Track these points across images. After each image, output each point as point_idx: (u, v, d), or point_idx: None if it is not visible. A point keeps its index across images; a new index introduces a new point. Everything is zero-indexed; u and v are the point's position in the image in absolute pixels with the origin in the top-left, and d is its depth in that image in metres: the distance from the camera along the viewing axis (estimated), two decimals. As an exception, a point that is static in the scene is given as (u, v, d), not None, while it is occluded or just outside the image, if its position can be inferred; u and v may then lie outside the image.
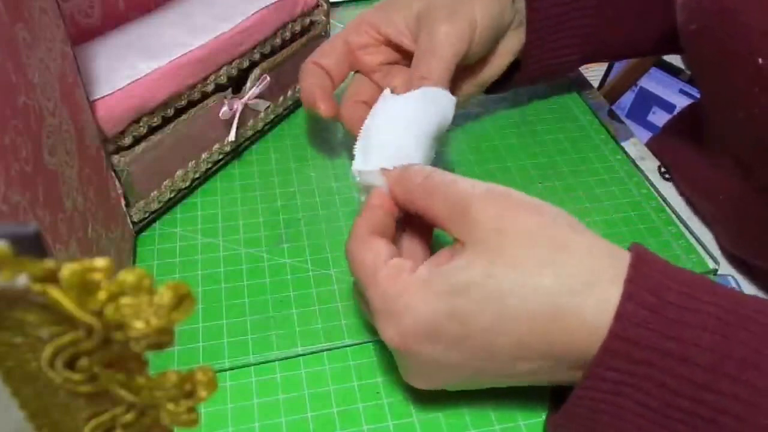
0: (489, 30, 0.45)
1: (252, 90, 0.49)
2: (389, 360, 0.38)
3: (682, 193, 0.52)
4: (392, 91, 0.42)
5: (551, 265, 0.30)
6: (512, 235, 0.30)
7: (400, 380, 0.37)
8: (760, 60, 0.37)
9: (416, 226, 0.37)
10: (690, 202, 0.51)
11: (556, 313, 0.29)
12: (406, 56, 0.47)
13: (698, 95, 0.56)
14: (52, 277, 0.13)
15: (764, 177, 0.43)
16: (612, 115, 0.58)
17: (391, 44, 0.47)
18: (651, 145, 0.57)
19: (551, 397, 0.36)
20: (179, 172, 0.46)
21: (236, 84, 0.49)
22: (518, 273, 0.30)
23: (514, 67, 0.52)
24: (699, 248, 0.46)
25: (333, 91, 0.48)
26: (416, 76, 0.42)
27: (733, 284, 0.45)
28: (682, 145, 0.54)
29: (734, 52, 0.39)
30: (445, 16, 0.44)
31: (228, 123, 0.48)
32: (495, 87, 0.54)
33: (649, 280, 0.29)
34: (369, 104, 0.44)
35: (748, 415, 0.28)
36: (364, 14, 0.48)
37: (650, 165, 0.53)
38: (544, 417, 0.35)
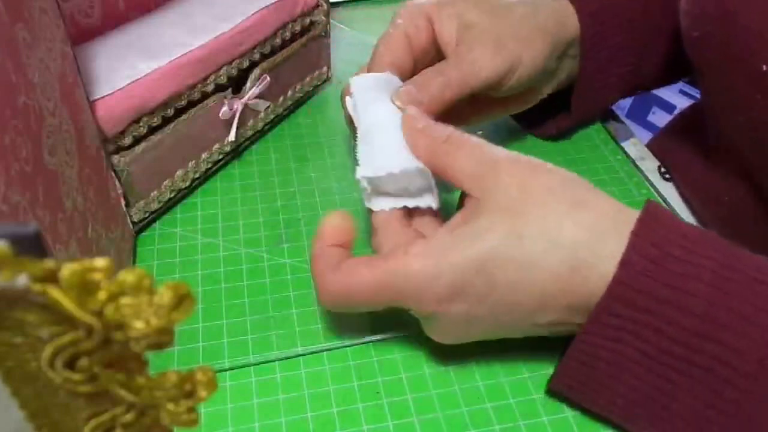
0: (528, 77, 0.44)
1: (252, 90, 0.49)
2: (389, 360, 0.38)
3: (681, 194, 0.52)
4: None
5: (569, 220, 0.32)
6: (534, 193, 0.32)
7: (400, 380, 0.37)
8: (764, 66, 0.37)
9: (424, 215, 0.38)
10: (689, 203, 0.51)
11: (575, 266, 0.31)
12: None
13: (698, 95, 0.56)
14: (52, 277, 0.13)
15: (764, 180, 0.43)
16: (612, 115, 0.58)
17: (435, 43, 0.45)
18: (651, 146, 0.57)
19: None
20: (179, 172, 0.46)
21: (236, 84, 0.49)
22: (540, 228, 0.31)
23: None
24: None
25: None
26: (433, 83, 0.41)
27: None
28: (683, 146, 0.54)
29: (737, 58, 0.40)
30: (491, 43, 0.42)
31: (228, 123, 0.48)
32: (529, 124, 0.54)
33: (654, 234, 0.31)
34: None
35: (740, 363, 0.29)
36: (423, 6, 0.45)
37: (650, 165, 0.53)
38: (545, 419, 0.35)
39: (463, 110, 0.47)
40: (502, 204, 0.32)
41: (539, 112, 0.52)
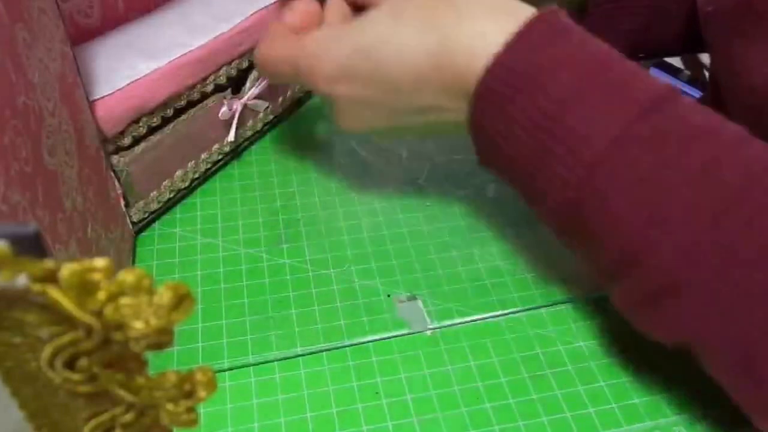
0: None
1: (251, 90, 0.49)
2: (388, 360, 0.38)
3: None
4: None
5: (443, 4, 0.35)
6: None
7: (400, 380, 0.37)
8: None
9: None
10: None
11: (442, 41, 0.34)
12: None
13: (696, 95, 0.56)
14: (51, 277, 0.13)
15: None
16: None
17: None
18: None
19: None
20: (179, 173, 0.46)
21: (236, 84, 0.49)
22: (415, 13, 0.35)
23: None
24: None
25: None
26: None
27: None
28: None
29: (752, 34, 0.39)
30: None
31: (227, 123, 0.48)
32: None
33: (551, 25, 0.33)
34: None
35: (581, 145, 0.31)
36: None
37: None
38: (544, 419, 0.35)
39: None
40: (386, 3, 0.37)
41: None
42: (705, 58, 0.66)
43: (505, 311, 0.41)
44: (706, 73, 0.65)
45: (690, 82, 0.63)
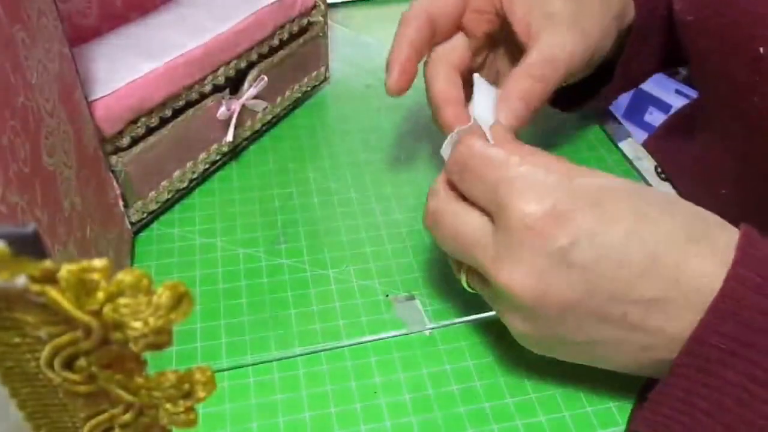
0: (600, 46, 0.43)
1: (249, 91, 0.49)
2: (387, 360, 0.38)
3: (679, 192, 0.52)
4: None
5: (682, 202, 0.31)
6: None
7: (398, 380, 0.37)
8: (761, 49, 0.37)
9: None
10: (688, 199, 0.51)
11: (693, 235, 0.30)
12: (502, 30, 0.44)
13: (694, 95, 0.56)
14: (50, 278, 0.13)
15: (763, 167, 0.42)
16: (609, 115, 0.59)
17: (501, 16, 0.43)
18: (647, 145, 0.57)
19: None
20: (177, 173, 0.46)
21: (234, 85, 0.49)
22: (656, 193, 0.32)
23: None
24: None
25: (422, 56, 0.43)
26: (532, 79, 0.39)
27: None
28: (677, 144, 0.54)
29: (733, 42, 0.39)
30: (570, 23, 0.40)
31: (226, 124, 0.48)
32: (562, 102, 0.52)
33: (760, 250, 0.29)
34: (461, 72, 0.43)
35: None
36: None
37: (647, 165, 0.53)
38: (542, 418, 0.35)
39: None
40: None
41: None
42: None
43: (504, 311, 0.41)
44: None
45: (686, 82, 0.63)
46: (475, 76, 0.42)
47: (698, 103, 0.51)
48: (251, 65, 0.50)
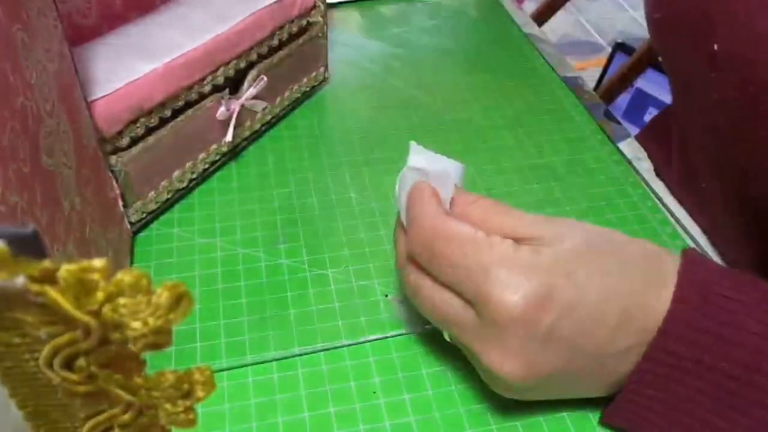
0: None
1: (249, 91, 0.49)
2: (386, 360, 0.38)
3: (669, 188, 0.52)
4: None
5: (634, 245, 0.33)
6: (595, 234, 0.33)
7: (397, 380, 0.37)
8: (715, 46, 0.38)
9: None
10: (674, 195, 0.51)
11: (650, 280, 0.31)
12: None
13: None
14: (50, 278, 0.13)
15: (723, 164, 0.43)
16: (608, 115, 0.59)
17: None
18: (638, 140, 0.57)
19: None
20: (176, 173, 0.46)
21: (233, 85, 0.49)
22: (609, 249, 0.32)
23: None
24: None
25: None
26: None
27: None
28: (663, 139, 0.55)
29: (692, 40, 0.40)
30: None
31: (225, 124, 0.48)
32: None
33: (699, 273, 0.31)
34: None
35: None
36: None
37: (646, 165, 0.54)
38: (541, 418, 0.36)
39: None
40: (571, 237, 0.32)
41: None
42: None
43: (503, 311, 0.41)
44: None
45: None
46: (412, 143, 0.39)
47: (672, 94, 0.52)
48: (251, 65, 0.50)
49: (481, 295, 0.31)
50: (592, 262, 0.31)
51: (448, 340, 0.36)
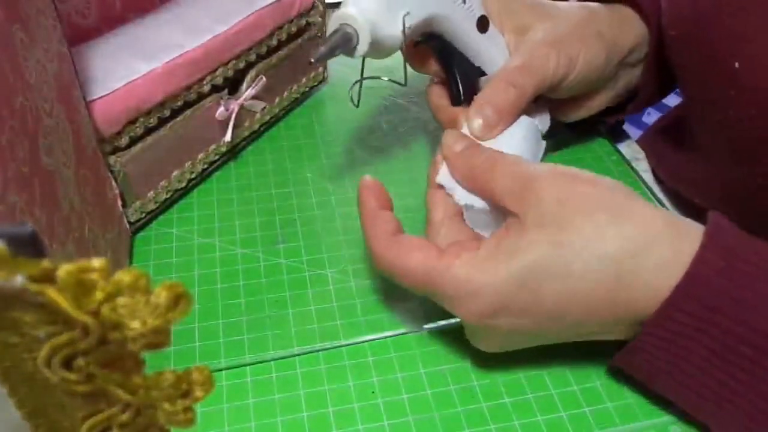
0: (586, 77, 0.44)
1: (248, 91, 0.49)
2: (385, 360, 0.38)
3: (668, 189, 0.52)
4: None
5: (611, 230, 0.31)
6: (573, 204, 0.32)
7: (396, 380, 0.37)
8: (736, 64, 0.38)
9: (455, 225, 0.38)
10: (677, 197, 0.51)
11: (619, 276, 0.31)
12: None
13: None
14: (48, 277, 0.13)
15: (737, 177, 0.43)
16: (607, 116, 0.58)
17: None
18: (639, 143, 0.57)
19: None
20: (176, 173, 0.46)
21: (232, 85, 0.49)
22: (582, 239, 0.31)
23: None
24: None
25: None
26: (501, 87, 0.41)
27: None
28: (668, 145, 0.54)
29: (711, 57, 0.40)
30: (551, 41, 0.42)
31: (224, 124, 0.48)
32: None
33: (725, 237, 0.31)
34: None
35: None
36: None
37: (645, 166, 0.54)
38: (539, 418, 0.36)
39: None
40: (542, 218, 0.32)
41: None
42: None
43: (501, 311, 0.41)
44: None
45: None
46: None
47: (684, 111, 0.52)
48: (250, 66, 0.50)
49: (450, 309, 0.34)
50: (555, 261, 0.31)
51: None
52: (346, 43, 0.35)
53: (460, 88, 0.43)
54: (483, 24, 0.42)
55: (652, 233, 0.31)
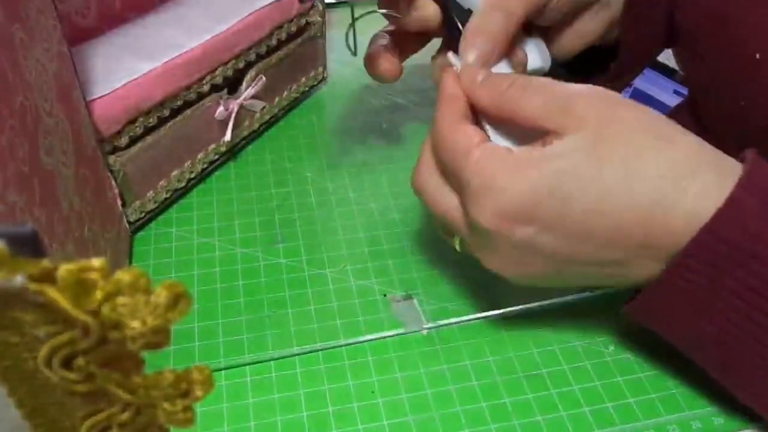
0: None
1: (247, 90, 0.49)
2: (384, 359, 0.38)
3: None
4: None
5: (655, 152, 0.30)
6: (617, 123, 0.31)
7: (395, 380, 0.37)
8: (757, 55, 0.37)
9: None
10: None
11: (658, 199, 0.29)
12: None
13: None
14: (48, 277, 0.13)
15: None
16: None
17: None
18: None
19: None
20: (175, 173, 0.46)
21: (232, 84, 0.49)
22: (622, 156, 0.30)
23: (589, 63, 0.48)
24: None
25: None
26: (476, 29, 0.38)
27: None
28: None
29: (731, 47, 0.39)
30: None
31: (224, 123, 0.48)
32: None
33: (765, 170, 0.30)
34: None
35: None
36: None
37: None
38: (540, 418, 0.36)
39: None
40: (582, 132, 0.30)
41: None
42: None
43: (501, 311, 0.41)
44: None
45: (684, 83, 0.63)
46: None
47: (690, 103, 0.51)
48: (249, 65, 0.50)
49: (464, 201, 0.32)
50: (591, 172, 0.30)
51: (458, 249, 0.37)
52: None
53: (460, 26, 0.40)
54: None
55: (696, 159, 0.30)
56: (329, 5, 0.70)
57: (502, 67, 0.38)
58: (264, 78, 0.50)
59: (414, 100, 0.59)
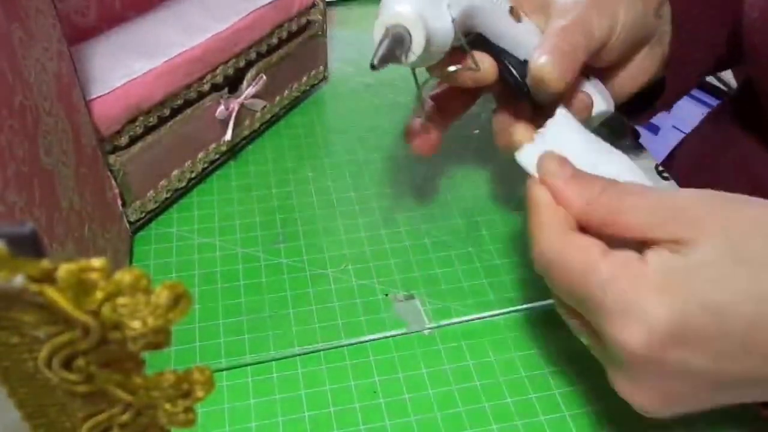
0: (630, 30, 0.39)
1: (248, 89, 0.49)
2: (386, 360, 0.38)
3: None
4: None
5: None
6: (743, 223, 0.28)
7: (397, 380, 0.37)
8: None
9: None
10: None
11: None
12: None
13: (698, 96, 0.56)
14: (48, 277, 0.13)
15: None
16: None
17: None
18: (688, 143, 0.55)
19: None
20: (175, 172, 0.46)
21: (232, 84, 0.49)
22: (761, 248, 0.27)
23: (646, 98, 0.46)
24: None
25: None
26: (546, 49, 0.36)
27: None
28: (718, 141, 0.53)
29: None
30: (590, 4, 0.38)
31: (224, 123, 0.48)
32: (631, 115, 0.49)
33: None
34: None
35: None
36: None
37: (647, 164, 0.53)
38: (542, 418, 0.35)
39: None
40: (715, 238, 0.27)
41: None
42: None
43: (503, 310, 0.41)
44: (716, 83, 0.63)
45: (708, 90, 0.62)
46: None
47: (723, 110, 0.50)
48: (250, 64, 0.50)
49: (601, 332, 0.28)
50: (741, 279, 0.26)
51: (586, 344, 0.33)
52: (399, 45, 0.33)
53: (516, 75, 0.39)
54: (515, 13, 0.40)
55: None
56: (330, 3, 0.70)
57: (562, 113, 0.36)
58: (265, 77, 0.50)
59: (414, 98, 0.59)
